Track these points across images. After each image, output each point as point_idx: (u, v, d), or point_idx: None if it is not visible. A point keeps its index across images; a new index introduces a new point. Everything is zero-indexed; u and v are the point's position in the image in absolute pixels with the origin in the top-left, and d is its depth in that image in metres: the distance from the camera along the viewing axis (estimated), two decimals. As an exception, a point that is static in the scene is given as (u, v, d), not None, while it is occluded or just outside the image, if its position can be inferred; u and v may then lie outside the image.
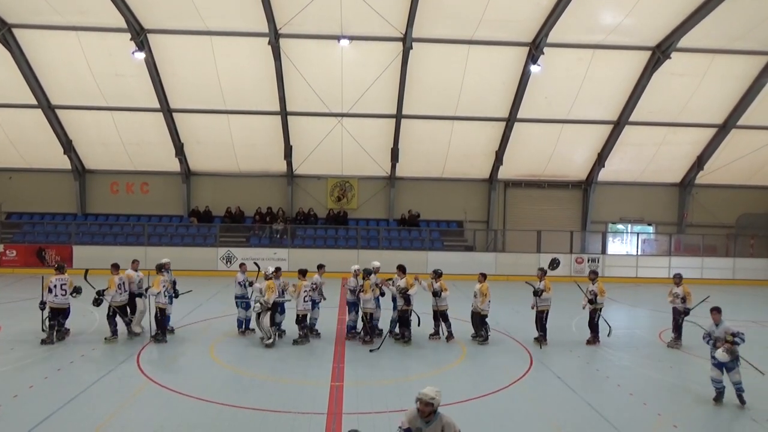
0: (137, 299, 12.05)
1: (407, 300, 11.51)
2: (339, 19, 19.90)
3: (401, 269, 11.95)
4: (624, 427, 7.61)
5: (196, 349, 11.25)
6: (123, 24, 19.77)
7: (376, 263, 12.77)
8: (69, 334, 11.63)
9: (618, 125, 23.95)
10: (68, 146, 24.13)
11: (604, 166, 25.39)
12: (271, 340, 11.15)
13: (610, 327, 12.47)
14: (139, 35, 20.20)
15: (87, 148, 24.76)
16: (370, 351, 11.09)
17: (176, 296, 12.15)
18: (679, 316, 12.16)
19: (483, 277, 12.00)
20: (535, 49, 20.80)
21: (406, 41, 20.31)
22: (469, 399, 8.54)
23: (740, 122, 23.90)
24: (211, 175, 25.93)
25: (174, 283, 12.12)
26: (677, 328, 12.24)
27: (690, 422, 7.99)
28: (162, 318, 11.50)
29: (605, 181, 26.32)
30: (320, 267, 12.40)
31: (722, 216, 26.77)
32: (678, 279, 12.45)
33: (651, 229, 27.66)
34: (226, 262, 22.70)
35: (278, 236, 24.28)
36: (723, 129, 24.31)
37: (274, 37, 20.18)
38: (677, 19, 19.84)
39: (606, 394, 9.03)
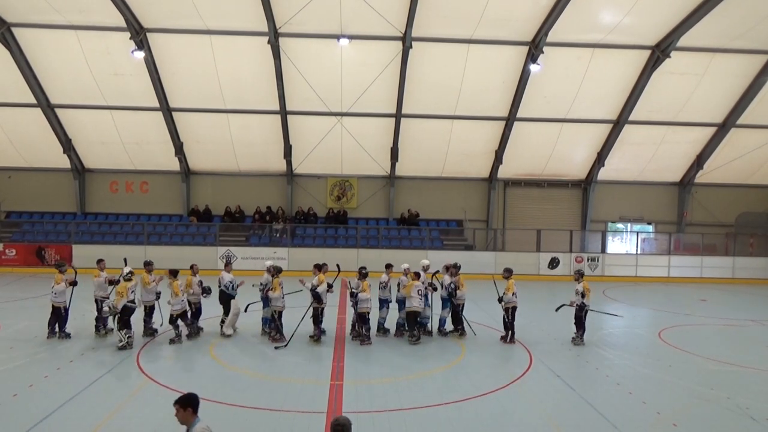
0: (231, 301, 12.08)
1: (317, 298, 11.47)
2: (339, 19, 19.89)
3: (317, 267, 11.86)
4: (623, 426, 7.62)
5: (195, 348, 11.25)
6: (122, 23, 19.75)
7: (426, 261, 12.96)
8: (68, 338, 11.56)
9: (618, 124, 23.95)
10: (68, 145, 24.12)
11: (603, 165, 25.38)
12: (122, 344, 10.84)
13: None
14: (139, 34, 20.19)
15: (86, 147, 24.74)
16: (276, 348, 11.11)
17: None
18: (581, 312, 11.97)
19: (416, 275, 11.94)
20: (534, 48, 20.81)
21: (406, 40, 20.30)
22: (469, 398, 8.55)
23: (740, 121, 23.88)
24: (210, 175, 25.92)
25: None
26: (581, 325, 12.06)
27: (689, 420, 8.00)
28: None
29: (605, 180, 26.32)
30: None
31: (722, 215, 26.76)
32: (579, 275, 12.32)
33: (651, 228, 27.64)
34: (226, 262, 22.67)
35: (278, 235, 24.26)
36: (722, 128, 24.31)
37: (274, 36, 20.17)
38: (676, 18, 19.84)
39: (605, 393, 9.03)
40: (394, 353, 11.12)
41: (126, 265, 11.93)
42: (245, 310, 12.14)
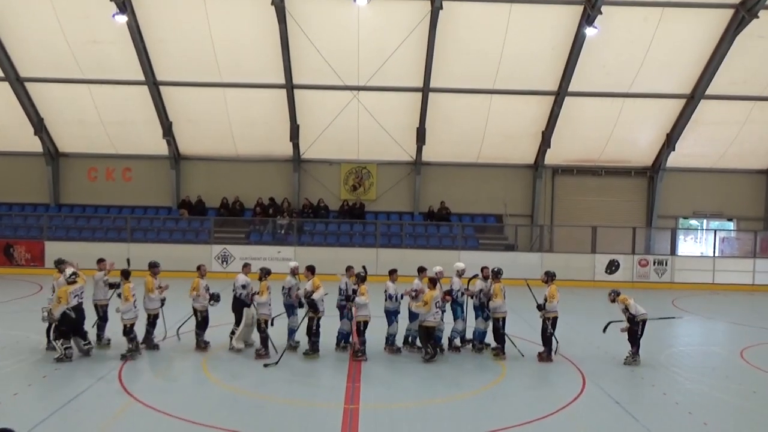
0: (245, 310, 12.17)
1: (313, 306, 11.46)
2: (355, -26, 19.92)
3: (310, 270, 11.91)
4: (696, 463, 7.53)
5: (186, 363, 11.41)
6: (102, -18, 20.06)
7: (460, 265, 12.88)
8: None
9: (692, 100, 23.55)
10: (39, 126, 24.57)
11: (674, 150, 25.01)
12: (58, 356, 10.90)
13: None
14: (121, -5, 20.46)
15: (61, 128, 25.19)
16: (265, 366, 11.08)
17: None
18: (636, 327, 11.72)
19: (432, 283, 11.81)
20: (590, 7, 20.50)
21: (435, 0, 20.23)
22: (510, 427, 8.52)
23: (844, 95, 23.35)
24: (204, 160, 26.19)
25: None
26: (635, 340, 11.83)
27: (777, 458, 7.87)
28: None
29: (676, 168, 25.93)
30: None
31: (820, 210, 26.24)
32: (614, 295, 12.02)
33: (732, 225, 27.22)
34: (222, 262, 22.93)
35: (282, 232, 24.43)
36: (823, 103, 23.77)
37: (279, -5, 20.27)
38: (766, -30, 19.45)
39: (674, 424, 8.91)
40: (420, 372, 11.12)
41: (129, 266, 12.15)
42: (271, 324, 12.07)
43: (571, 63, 22.34)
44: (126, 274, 11.67)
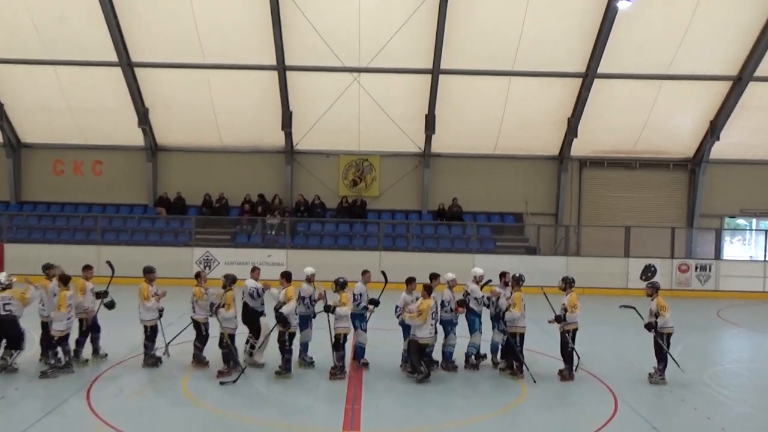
0: (261, 319, 12.19)
1: (282, 320, 11.37)
2: (355, -60, 19.94)
3: (285, 277, 11.83)
4: (745, 497, 7.47)
5: (164, 381, 11.37)
6: (69, -51, 20.09)
7: (479, 270, 12.80)
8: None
9: (739, 81, 23.50)
10: (-2, 113, 24.68)
11: (719, 139, 24.96)
12: None
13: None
14: (90, -36, 20.50)
15: (22, 115, 25.27)
16: (221, 384, 11.02)
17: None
18: (661, 339, 11.64)
19: (427, 291, 11.73)
20: (623, -23, 20.49)
21: (447, -31, 20.25)
22: (531, 455, 8.49)
23: None
24: (184, 151, 26.27)
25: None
26: (662, 356, 11.71)
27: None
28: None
29: (720, 159, 25.91)
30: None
31: None
32: (653, 290, 11.92)
33: (785, 225, 27.16)
34: (205, 267, 22.91)
35: (273, 233, 24.44)
36: None
37: (269, -36, 20.29)
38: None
39: (719, 451, 8.88)
40: (430, 392, 11.08)
41: (113, 271, 12.33)
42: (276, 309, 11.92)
43: (600, 41, 22.27)
44: (65, 280, 11.49)
